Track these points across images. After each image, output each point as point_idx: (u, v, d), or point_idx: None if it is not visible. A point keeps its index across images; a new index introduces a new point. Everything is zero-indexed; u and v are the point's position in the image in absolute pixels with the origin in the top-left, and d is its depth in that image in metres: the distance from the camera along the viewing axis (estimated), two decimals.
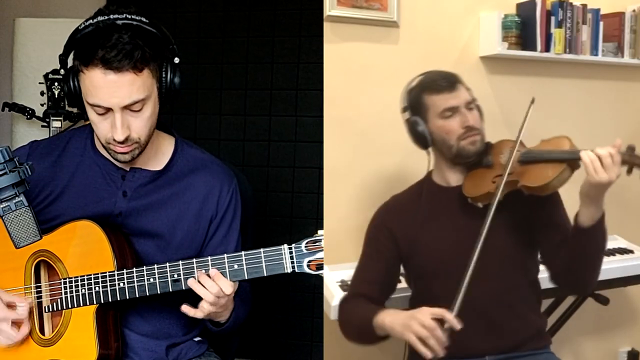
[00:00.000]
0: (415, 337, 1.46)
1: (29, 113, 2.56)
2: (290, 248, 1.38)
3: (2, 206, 1.32)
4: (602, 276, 2.18)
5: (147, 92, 1.42)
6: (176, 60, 1.48)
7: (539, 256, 1.76)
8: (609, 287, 2.25)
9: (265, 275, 1.39)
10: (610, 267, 2.20)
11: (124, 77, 1.37)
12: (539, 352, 1.72)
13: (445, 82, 1.75)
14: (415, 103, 1.79)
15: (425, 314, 1.48)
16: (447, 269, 1.67)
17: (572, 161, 1.59)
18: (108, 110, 1.40)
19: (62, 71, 1.47)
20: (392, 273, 1.82)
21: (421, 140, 1.78)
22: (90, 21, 1.41)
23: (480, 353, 1.69)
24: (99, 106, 1.40)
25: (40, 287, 1.49)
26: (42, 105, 2.53)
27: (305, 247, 1.38)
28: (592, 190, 1.52)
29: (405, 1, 2.31)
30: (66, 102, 1.51)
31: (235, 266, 1.40)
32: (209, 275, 1.40)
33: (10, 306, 1.46)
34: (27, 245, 1.36)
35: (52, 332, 1.48)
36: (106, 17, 1.40)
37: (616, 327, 2.82)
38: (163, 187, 1.56)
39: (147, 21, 1.43)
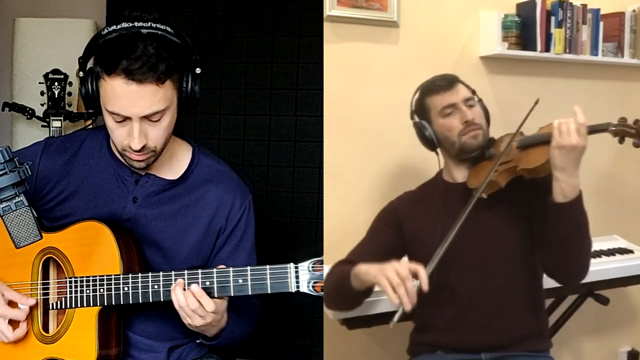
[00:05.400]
0: (387, 282, 1.47)
1: (29, 113, 2.56)
2: (296, 267, 1.36)
3: (2, 206, 1.31)
4: (602, 276, 2.19)
5: (168, 103, 1.41)
6: (197, 70, 1.47)
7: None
8: (609, 287, 2.25)
9: (269, 292, 1.37)
10: (610, 267, 2.20)
11: (145, 89, 1.36)
12: (537, 355, 1.72)
13: (443, 81, 1.83)
14: (420, 107, 1.86)
15: (403, 264, 1.50)
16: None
17: None
18: (126, 118, 1.39)
19: (80, 73, 1.45)
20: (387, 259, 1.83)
21: (428, 142, 1.84)
22: (114, 27, 1.39)
23: (474, 347, 1.70)
24: (118, 114, 1.39)
25: (47, 283, 1.49)
26: (42, 105, 2.53)
27: (312, 267, 1.36)
28: (559, 157, 1.52)
29: (405, 1, 2.30)
30: (84, 105, 1.49)
31: (240, 281, 1.38)
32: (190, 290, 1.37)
33: (11, 304, 1.45)
34: (27, 245, 1.36)
35: (55, 329, 1.48)
36: (130, 25, 1.38)
37: (616, 327, 2.82)
38: (174, 198, 1.55)
39: (172, 31, 1.41)
